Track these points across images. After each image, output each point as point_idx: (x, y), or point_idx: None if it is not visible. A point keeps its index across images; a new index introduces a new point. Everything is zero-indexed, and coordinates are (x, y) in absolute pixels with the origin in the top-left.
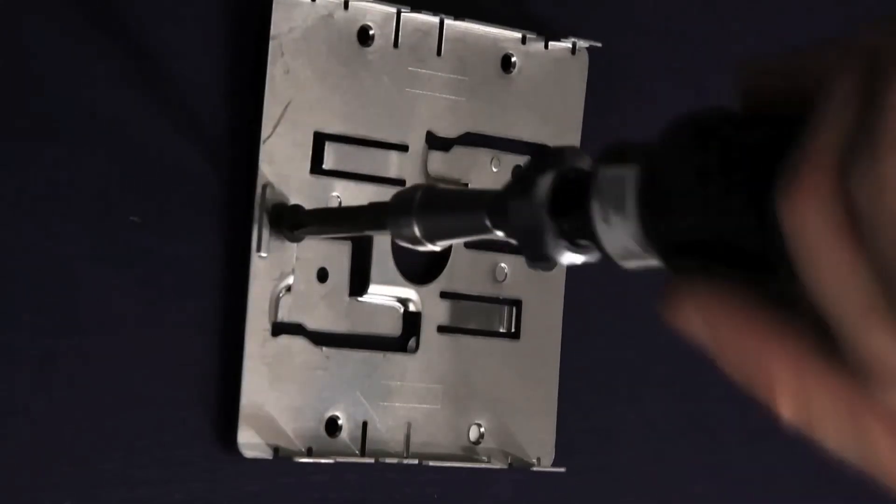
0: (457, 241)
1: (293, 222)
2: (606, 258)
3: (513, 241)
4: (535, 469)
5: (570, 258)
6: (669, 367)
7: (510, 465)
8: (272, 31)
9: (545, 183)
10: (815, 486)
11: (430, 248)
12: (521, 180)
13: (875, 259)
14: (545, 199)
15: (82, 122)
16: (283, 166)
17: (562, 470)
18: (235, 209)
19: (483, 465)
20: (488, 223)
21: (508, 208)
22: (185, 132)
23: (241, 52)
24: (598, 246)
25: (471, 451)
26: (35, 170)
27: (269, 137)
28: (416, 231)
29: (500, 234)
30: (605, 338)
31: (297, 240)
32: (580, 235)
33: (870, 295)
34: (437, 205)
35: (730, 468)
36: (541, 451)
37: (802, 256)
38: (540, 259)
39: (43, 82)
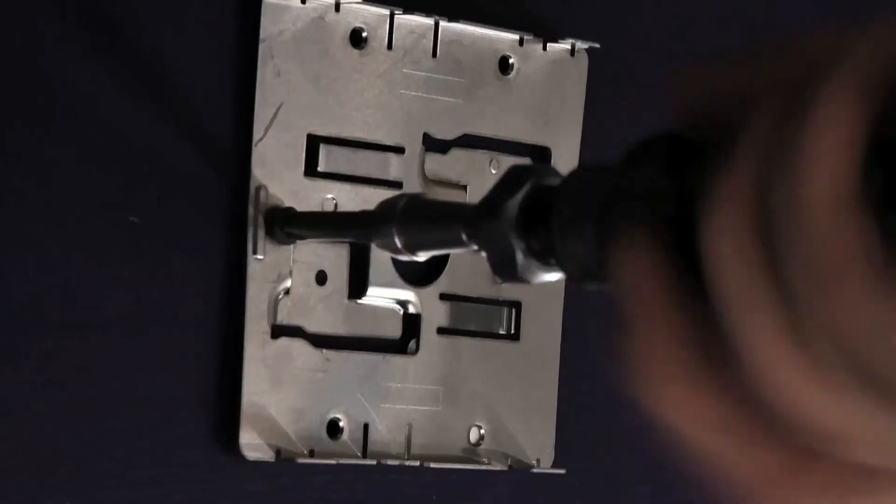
0: (439, 253)
1: (286, 225)
2: (569, 279)
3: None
4: (534, 470)
5: (541, 277)
6: None
7: (510, 466)
8: (261, 34)
9: (515, 200)
10: None
11: (412, 258)
12: (493, 196)
13: (786, 290)
14: (514, 216)
15: (80, 124)
16: (276, 169)
17: (562, 471)
18: (232, 211)
19: (483, 467)
20: (464, 238)
21: (479, 224)
22: (180, 134)
23: (232, 56)
24: (560, 265)
25: (471, 452)
26: (34, 170)
27: (261, 140)
28: (397, 241)
29: (475, 248)
30: (605, 339)
31: (289, 242)
32: (548, 254)
33: (778, 326)
34: (417, 216)
35: None
36: (540, 453)
37: (718, 281)
38: (509, 277)
39: (42, 85)
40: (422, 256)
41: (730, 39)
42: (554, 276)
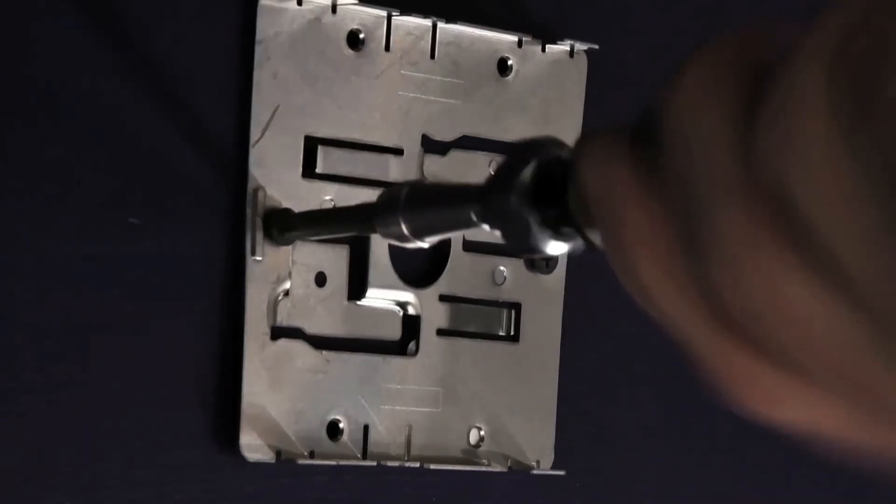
0: (445, 237)
1: (283, 225)
2: (588, 245)
3: (497, 233)
4: (534, 472)
5: (554, 247)
6: (669, 369)
7: (510, 467)
8: (258, 36)
9: (526, 173)
10: (811, 488)
11: (418, 244)
12: (503, 172)
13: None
14: (527, 189)
15: (80, 124)
16: (274, 170)
17: (561, 473)
18: (230, 213)
19: (483, 468)
20: (474, 217)
21: (491, 200)
22: (177, 136)
23: (229, 57)
24: (580, 232)
25: (471, 453)
26: (34, 170)
27: (258, 141)
28: (404, 228)
29: (485, 226)
30: (605, 340)
31: (287, 243)
32: (563, 223)
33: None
34: (423, 201)
35: (729, 471)
36: (540, 454)
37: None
38: (525, 249)
39: (42, 85)
40: (427, 242)
41: None
42: (567, 247)
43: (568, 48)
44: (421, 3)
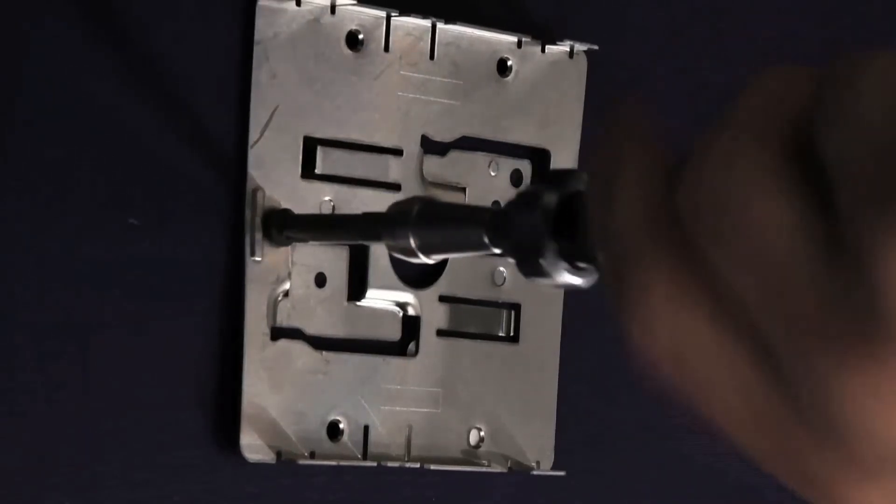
0: (452, 256)
1: (282, 227)
2: (604, 282)
3: (510, 259)
4: (534, 472)
5: (569, 279)
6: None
7: (510, 468)
8: (256, 37)
9: (550, 202)
10: None
11: (424, 260)
12: (526, 198)
13: None
14: (549, 218)
15: (80, 124)
16: (273, 171)
17: (561, 473)
18: (229, 213)
19: (483, 469)
20: (486, 240)
21: (511, 223)
22: (176, 137)
23: (227, 58)
24: (599, 270)
25: (471, 454)
26: (34, 170)
27: (257, 142)
28: (412, 243)
29: (496, 250)
30: (605, 341)
31: (287, 243)
32: (581, 258)
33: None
34: (434, 218)
35: (730, 471)
36: (540, 455)
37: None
38: (536, 274)
39: (42, 85)
40: (433, 259)
41: (728, 40)
42: (578, 281)
43: (568, 49)
44: (420, 3)
